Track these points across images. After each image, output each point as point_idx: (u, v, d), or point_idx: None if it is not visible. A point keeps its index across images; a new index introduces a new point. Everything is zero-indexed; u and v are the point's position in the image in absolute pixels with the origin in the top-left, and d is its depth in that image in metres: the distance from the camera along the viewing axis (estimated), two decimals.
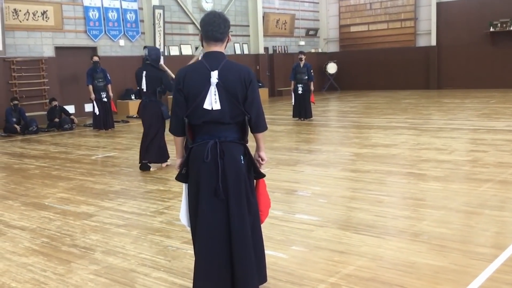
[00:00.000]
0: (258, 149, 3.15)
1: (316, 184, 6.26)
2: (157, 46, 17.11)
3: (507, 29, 19.63)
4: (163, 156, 7.48)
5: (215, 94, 2.87)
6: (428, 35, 21.82)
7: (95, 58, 12.55)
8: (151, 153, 7.34)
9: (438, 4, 21.32)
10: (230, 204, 2.89)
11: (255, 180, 3.13)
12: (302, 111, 12.89)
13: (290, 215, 4.96)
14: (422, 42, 22.11)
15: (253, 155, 3.09)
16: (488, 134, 9.23)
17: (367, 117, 13.13)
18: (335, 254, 3.88)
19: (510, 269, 3.46)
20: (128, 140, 10.91)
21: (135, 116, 15.55)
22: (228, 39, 3.02)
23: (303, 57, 13.17)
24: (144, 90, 7.34)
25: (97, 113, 12.35)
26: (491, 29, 19.95)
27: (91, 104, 12.57)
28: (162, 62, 6.85)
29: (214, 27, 2.92)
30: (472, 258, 3.68)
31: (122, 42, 16.75)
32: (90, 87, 12.26)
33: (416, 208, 5.06)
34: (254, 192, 3.08)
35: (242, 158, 2.96)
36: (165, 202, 5.63)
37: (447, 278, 3.39)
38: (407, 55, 22.20)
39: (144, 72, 7.32)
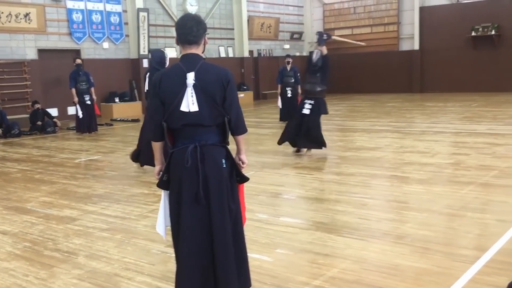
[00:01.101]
0: (238, 152, 3.08)
1: (301, 187, 6.29)
2: (141, 48, 17.06)
3: (489, 33, 19.91)
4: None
5: (192, 96, 2.82)
6: (411, 39, 22.05)
7: (78, 61, 12.45)
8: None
9: (421, 9, 21.56)
10: (211, 210, 2.84)
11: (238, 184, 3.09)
12: (291, 113, 12.88)
13: (275, 218, 4.97)
14: (405, 46, 22.33)
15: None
16: (470, 137, 9.35)
17: (351, 120, 13.23)
18: (320, 257, 3.89)
19: (492, 271, 3.50)
20: (112, 143, 10.83)
21: (119, 119, 15.49)
22: (204, 42, 2.97)
23: (290, 60, 13.22)
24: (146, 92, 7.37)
25: (80, 116, 12.22)
26: (473, 34, 20.22)
27: (75, 107, 12.45)
28: (167, 64, 6.90)
29: (186, 30, 2.89)
30: (454, 260, 3.72)
31: (106, 44, 16.64)
32: (73, 90, 12.13)
33: (399, 211, 5.11)
34: (237, 196, 3.02)
35: (224, 161, 2.91)
36: (149, 205, 5.60)
37: (430, 280, 3.42)
38: (390, 59, 22.40)
39: (148, 74, 7.33)
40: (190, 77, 2.83)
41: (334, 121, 13.12)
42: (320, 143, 8.26)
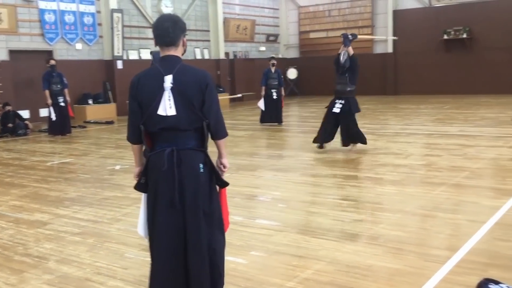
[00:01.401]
0: (219, 155, 3.04)
1: (276, 189, 6.29)
2: (115, 50, 16.87)
3: (460, 37, 20.30)
4: None
5: (169, 99, 2.76)
6: (384, 42, 22.32)
7: (52, 62, 12.24)
8: None
9: (394, 12, 21.86)
10: (186, 215, 2.79)
11: (219, 189, 3.02)
12: (274, 115, 12.92)
13: (250, 220, 4.96)
14: (379, 49, 22.60)
15: (214, 162, 3.00)
16: (442, 139, 9.51)
17: None
18: (294, 259, 3.90)
19: (463, 270, 3.56)
20: (85, 145, 10.67)
21: (92, 121, 15.27)
22: (183, 43, 2.91)
23: (275, 62, 13.27)
24: None
25: (54, 118, 12.01)
26: (445, 37, 20.59)
27: (47, 109, 12.22)
28: None
29: (162, 31, 2.82)
30: (426, 260, 3.77)
31: (79, 45, 16.41)
32: (47, 92, 11.90)
33: (373, 212, 5.16)
34: (216, 201, 2.96)
35: (201, 166, 2.85)
36: (123, 209, 5.53)
37: (403, 280, 3.46)
38: (365, 62, 22.48)
39: None
40: (168, 80, 2.77)
41: (309, 123, 13.18)
42: (361, 139, 8.51)
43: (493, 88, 19.51)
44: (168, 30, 2.82)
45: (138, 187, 2.99)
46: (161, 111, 2.77)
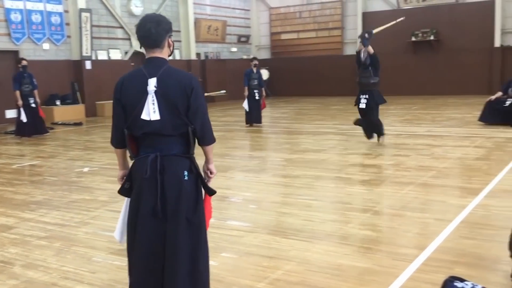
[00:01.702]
0: (206, 161, 2.95)
1: (247, 190, 6.29)
2: (84, 50, 16.59)
3: (428, 39, 20.71)
4: None
5: (153, 103, 2.66)
6: (354, 43, 22.53)
7: (24, 63, 12.00)
8: None
9: (363, 14, 22.14)
10: (168, 224, 2.69)
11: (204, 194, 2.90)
12: (254, 116, 12.91)
13: (221, 221, 4.94)
14: (349, 50, 22.84)
15: (202, 167, 2.92)
16: (410, 139, 9.67)
17: (298, 123, 13.38)
18: (265, 260, 3.90)
19: (430, 268, 3.62)
20: (53, 147, 10.46)
21: (60, 122, 14.98)
22: (168, 44, 2.81)
23: (257, 62, 13.24)
24: None
25: (24, 120, 11.77)
26: (413, 39, 20.98)
27: (16, 110, 11.95)
28: None
29: (144, 32, 2.72)
30: (394, 259, 3.82)
31: (46, 45, 16.08)
32: (18, 92, 11.67)
33: (343, 212, 5.20)
34: (200, 210, 2.83)
35: (186, 173, 2.74)
36: (91, 212, 5.44)
37: (371, 279, 3.49)
38: (335, 63, 22.87)
39: None
40: (152, 83, 2.67)
41: (280, 123, 13.24)
42: (379, 130, 8.97)
43: (459, 89, 19.98)
44: (151, 31, 2.71)
45: (122, 191, 2.88)
46: (144, 116, 2.68)
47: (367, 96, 8.83)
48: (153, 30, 2.71)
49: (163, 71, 2.70)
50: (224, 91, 19.05)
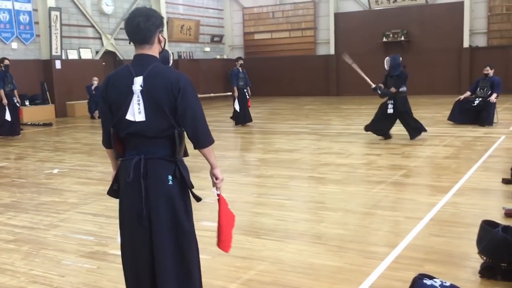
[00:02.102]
0: (211, 167, 2.83)
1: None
2: (53, 49, 16.30)
3: (398, 39, 21.01)
4: None
5: (138, 104, 2.52)
6: (327, 44, 22.78)
7: (6, 62, 11.81)
8: None
9: (335, 15, 22.34)
10: (153, 231, 2.58)
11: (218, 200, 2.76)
12: (247, 116, 12.89)
13: (194, 223, 4.89)
14: (321, 50, 23.03)
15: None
16: (382, 139, 9.78)
17: (272, 123, 13.42)
18: (237, 260, 3.89)
19: (400, 266, 3.67)
20: (21, 149, 10.23)
21: (29, 123, 14.67)
22: (159, 40, 2.65)
23: (243, 62, 13.24)
24: None
25: (10, 119, 11.58)
26: (384, 39, 21.26)
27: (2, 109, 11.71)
28: (170, 64, 6.57)
29: (133, 27, 2.56)
30: (366, 257, 3.86)
31: (14, 45, 15.73)
32: (2, 92, 11.46)
33: (315, 211, 5.23)
34: (188, 217, 2.74)
35: (170, 178, 2.60)
36: (60, 214, 5.34)
37: (343, 277, 3.52)
38: (308, 63, 23.00)
39: None
40: (137, 82, 2.53)
41: (254, 123, 13.24)
42: (419, 129, 9.51)
43: (430, 89, 20.32)
44: (139, 26, 2.55)
45: (110, 192, 2.78)
46: (129, 116, 2.55)
47: (393, 102, 9.53)
48: (142, 25, 2.55)
49: (150, 70, 2.56)
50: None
